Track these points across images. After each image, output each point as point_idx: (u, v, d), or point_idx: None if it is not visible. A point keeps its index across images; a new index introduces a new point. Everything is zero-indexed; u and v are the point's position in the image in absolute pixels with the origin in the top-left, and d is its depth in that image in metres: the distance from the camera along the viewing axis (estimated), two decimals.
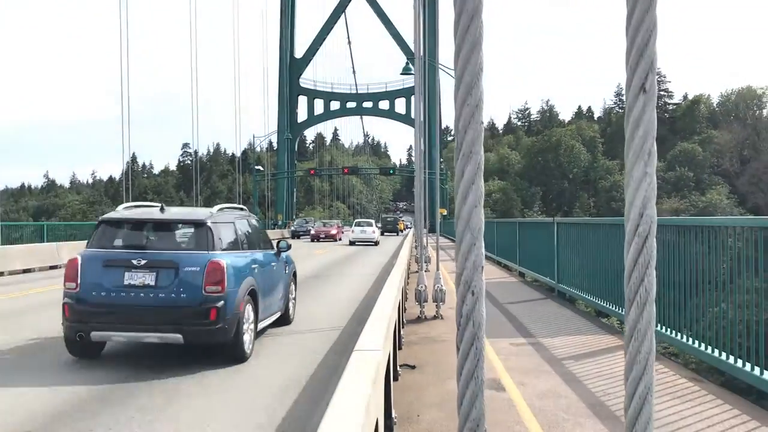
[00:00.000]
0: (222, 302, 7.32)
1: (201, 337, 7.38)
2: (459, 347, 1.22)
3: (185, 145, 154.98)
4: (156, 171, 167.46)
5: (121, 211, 8.25)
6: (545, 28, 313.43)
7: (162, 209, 8.29)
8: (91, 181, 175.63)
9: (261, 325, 8.63)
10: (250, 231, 9.11)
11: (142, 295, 7.28)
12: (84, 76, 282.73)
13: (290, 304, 10.52)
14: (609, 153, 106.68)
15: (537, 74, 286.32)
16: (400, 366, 7.23)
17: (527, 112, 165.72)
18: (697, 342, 7.05)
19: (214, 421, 5.55)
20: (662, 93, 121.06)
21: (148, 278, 7.33)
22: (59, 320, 7.61)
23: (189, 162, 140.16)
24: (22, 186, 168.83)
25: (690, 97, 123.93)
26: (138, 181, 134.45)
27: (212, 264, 7.37)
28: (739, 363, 6.01)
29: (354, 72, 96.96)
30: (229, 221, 8.49)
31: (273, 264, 9.60)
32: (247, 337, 7.83)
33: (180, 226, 8.17)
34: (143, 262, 7.36)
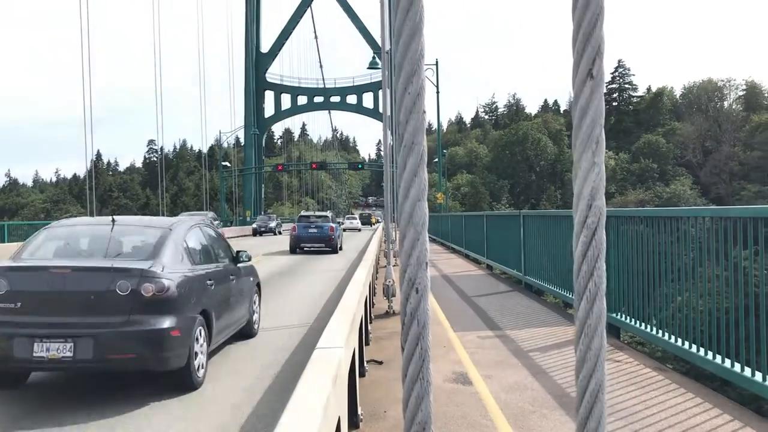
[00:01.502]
0: (335, 237, 27.57)
1: (329, 245, 27.33)
2: (403, 347, 1.17)
3: (151, 142, 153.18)
4: (121, 168, 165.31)
5: (304, 213, 31.01)
6: (511, 22, 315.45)
7: (315, 212, 35.56)
8: (54, 179, 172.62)
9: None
10: (333, 217, 31.41)
11: (314, 235, 27.43)
12: (46, 73, 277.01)
13: (343, 244, 30.85)
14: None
15: (504, 68, 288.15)
16: (367, 362, 7.18)
17: (494, 106, 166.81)
18: (661, 332, 7.12)
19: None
20: (626, 86, 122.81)
21: (315, 230, 27.47)
22: None
23: (155, 159, 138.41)
24: None
25: (653, 89, 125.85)
26: (103, 178, 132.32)
27: (331, 226, 27.69)
28: (702, 352, 6.08)
29: (321, 66, 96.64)
30: (331, 215, 30.33)
31: (340, 227, 32.30)
32: (339, 246, 28.45)
33: (321, 217, 28.44)
34: (313, 226, 27.64)
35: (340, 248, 28.67)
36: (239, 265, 8.74)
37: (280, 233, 54.54)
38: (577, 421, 1.15)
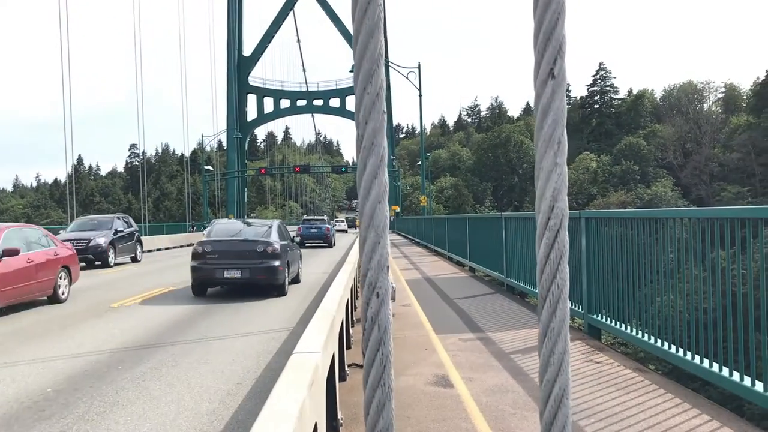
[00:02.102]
0: (330, 235, 36.88)
1: (326, 241, 36.23)
2: (364, 353, 1.14)
3: (133, 146, 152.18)
4: (103, 173, 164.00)
5: (306, 217, 43.49)
6: (494, 25, 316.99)
7: (314, 216, 57.98)
8: (35, 184, 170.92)
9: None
10: (328, 219, 43.28)
11: (314, 233, 36.51)
12: (25, 76, 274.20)
13: (336, 240, 39.75)
14: None
15: (487, 71, 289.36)
16: (349, 366, 7.14)
17: (477, 109, 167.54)
18: (640, 333, 7.14)
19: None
20: (607, 88, 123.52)
21: (315, 230, 36.61)
22: None
23: (137, 163, 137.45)
24: None
25: (634, 92, 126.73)
26: (84, 183, 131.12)
27: (327, 227, 36.96)
28: (681, 352, 6.10)
29: (304, 70, 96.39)
30: (327, 218, 42.39)
31: (334, 227, 44.79)
32: (333, 242, 37.45)
33: (320, 220, 38.60)
34: (314, 227, 36.94)
35: (334, 244, 37.94)
36: (294, 243, 16.48)
37: None
38: (541, 426, 1.13)
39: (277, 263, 13.73)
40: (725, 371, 5.32)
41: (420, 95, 44.07)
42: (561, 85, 1.10)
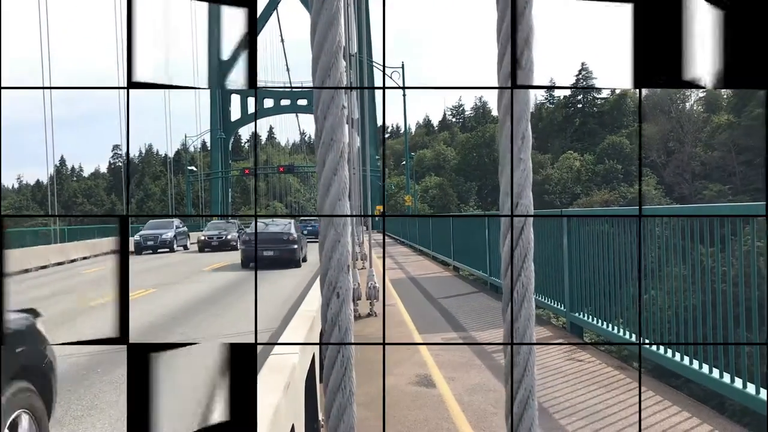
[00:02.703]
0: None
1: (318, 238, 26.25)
2: (324, 355, 1.11)
3: (116, 147, 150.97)
4: (86, 174, 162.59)
5: (303, 217, 46.65)
6: (476, 22, 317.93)
7: (311, 216, 48.32)
8: (17, 186, 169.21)
9: None
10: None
11: (310, 230, 35.02)
12: (4, 72, 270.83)
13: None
14: (540, 147, 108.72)
15: (471, 70, 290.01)
16: None
17: (461, 108, 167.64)
18: (622, 331, 7.16)
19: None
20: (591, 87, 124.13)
21: (311, 227, 36.77)
22: None
23: (120, 164, 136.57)
24: None
25: (617, 91, 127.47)
26: (67, 184, 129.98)
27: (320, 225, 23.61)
28: (662, 350, 6.11)
29: (288, 70, 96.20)
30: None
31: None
32: None
33: (315, 220, 34.01)
34: (310, 224, 39.60)
35: None
36: (303, 234, 24.21)
37: (185, 248, 35.41)
38: (507, 429, 1.10)
39: (296, 246, 21.37)
40: (705, 368, 5.34)
41: (404, 94, 44.23)
42: (527, 77, 1.07)
